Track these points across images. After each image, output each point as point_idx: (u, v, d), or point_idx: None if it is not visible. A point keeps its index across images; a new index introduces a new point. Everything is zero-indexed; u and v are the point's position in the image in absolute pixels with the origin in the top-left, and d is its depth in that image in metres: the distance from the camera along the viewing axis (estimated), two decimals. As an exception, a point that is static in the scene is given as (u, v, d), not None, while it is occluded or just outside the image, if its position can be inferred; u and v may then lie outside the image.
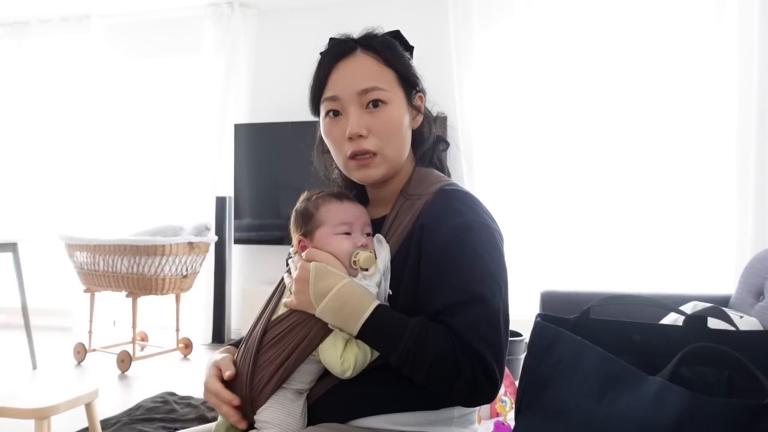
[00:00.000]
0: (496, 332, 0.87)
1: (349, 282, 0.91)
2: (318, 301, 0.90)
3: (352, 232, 0.98)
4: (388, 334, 0.88)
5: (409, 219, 0.97)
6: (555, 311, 1.27)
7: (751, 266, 1.99)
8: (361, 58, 0.98)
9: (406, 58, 1.03)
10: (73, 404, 1.75)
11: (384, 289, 0.94)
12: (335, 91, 0.98)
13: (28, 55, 4.59)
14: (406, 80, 1.01)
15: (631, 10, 3.44)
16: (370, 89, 0.96)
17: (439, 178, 1.03)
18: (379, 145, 0.97)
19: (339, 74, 0.99)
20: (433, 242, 0.92)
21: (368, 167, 0.98)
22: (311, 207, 1.00)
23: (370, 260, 0.93)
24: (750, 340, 0.81)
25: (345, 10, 4.03)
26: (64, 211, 4.42)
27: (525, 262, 3.50)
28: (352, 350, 0.91)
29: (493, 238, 0.93)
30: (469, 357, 0.85)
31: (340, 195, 1.02)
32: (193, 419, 2.49)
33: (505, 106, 3.64)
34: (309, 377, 0.96)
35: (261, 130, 4.08)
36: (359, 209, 1.01)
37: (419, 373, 0.87)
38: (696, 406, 0.59)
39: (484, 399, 0.89)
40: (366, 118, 0.96)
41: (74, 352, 3.52)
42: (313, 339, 0.93)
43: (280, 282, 1.05)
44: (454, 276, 0.89)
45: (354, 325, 0.88)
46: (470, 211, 0.94)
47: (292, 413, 0.94)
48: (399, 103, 0.99)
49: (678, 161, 3.40)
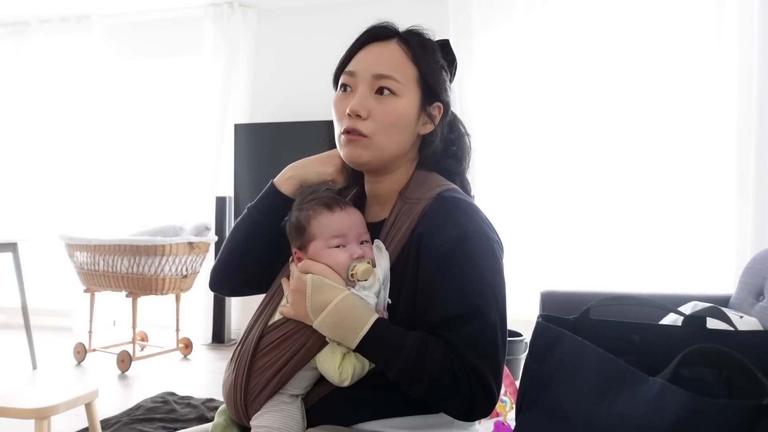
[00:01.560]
0: (494, 347, 0.87)
1: (347, 295, 0.89)
2: (315, 315, 0.89)
3: (347, 244, 0.95)
4: (387, 349, 0.87)
5: (407, 225, 0.95)
6: (555, 311, 1.27)
7: (751, 266, 1.99)
8: (392, 47, 0.98)
9: (438, 66, 1.01)
10: (73, 404, 1.75)
11: (383, 298, 0.93)
12: (354, 68, 0.98)
13: (28, 55, 4.59)
14: (426, 84, 0.99)
15: (632, 12, 3.43)
16: (385, 76, 0.95)
17: (438, 182, 1.01)
18: (374, 131, 0.95)
19: (365, 53, 0.99)
20: (432, 252, 0.90)
21: (355, 145, 0.96)
22: (303, 220, 0.98)
23: (368, 272, 0.92)
24: (750, 340, 0.81)
25: (345, 10, 4.03)
26: (64, 211, 4.41)
27: (525, 262, 3.50)
28: (351, 361, 0.90)
29: (492, 249, 0.92)
30: (467, 373, 0.85)
31: (332, 203, 0.98)
32: (193, 419, 2.49)
33: (505, 107, 3.64)
34: (305, 383, 0.95)
35: (261, 130, 4.09)
36: (353, 217, 0.98)
37: (417, 388, 0.87)
38: (696, 407, 0.59)
39: (480, 414, 0.89)
40: (370, 102, 0.95)
41: (74, 352, 3.52)
42: (311, 348, 0.92)
43: (278, 285, 1.03)
44: (453, 288, 0.88)
45: (352, 339, 0.87)
46: (469, 220, 0.92)
47: (291, 416, 0.93)
48: (409, 101, 0.97)
49: (678, 161, 3.40)
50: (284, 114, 4.05)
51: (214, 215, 4.04)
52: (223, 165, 4.15)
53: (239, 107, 4.17)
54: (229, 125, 4.13)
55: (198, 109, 4.22)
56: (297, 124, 3.92)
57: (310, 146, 4.04)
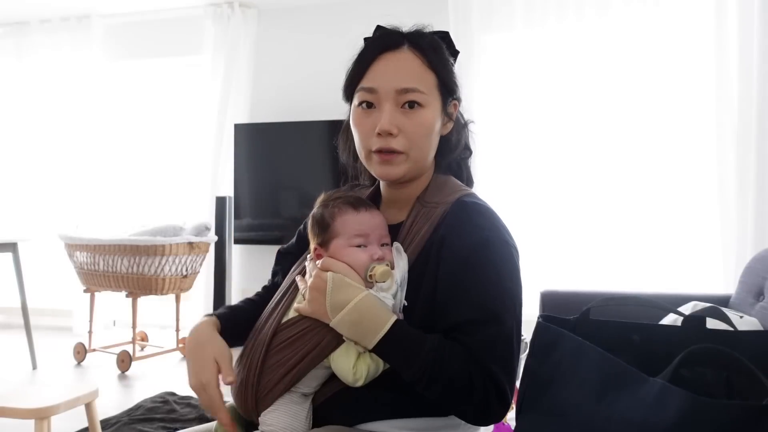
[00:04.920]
0: (510, 353, 0.88)
1: (367, 295, 0.89)
2: (334, 313, 0.89)
3: (368, 245, 0.95)
4: (405, 351, 0.87)
5: (426, 228, 0.96)
6: (555, 311, 1.27)
7: (751, 266, 1.99)
8: (407, 56, 0.96)
9: (450, 64, 1.01)
10: (73, 404, 1.75)
11: (400, 300, 0.93)
12: (374, 83, 0.95)
13: (28, 55, 4.59)
14: (445, 86, 0.99)
15: (633, 13, 3.43)
16: (410, 90, 0.94)
17: (457, 187, 1.02)
18: (407, 146, 0.95)
19: (381, 66, 0.96)
20: (453, 256, 0.91)
21: (391, 164, 0.96)
22: (327, 216, 0.98)
23: (387, 274, 0.92)
24: (750, 340, 0.81)
25: (345, 10, 4.03)
26: (64, 211, 4.41)
27: (525, 262, 3.47)
28: (365, 361, 0.90)
29: (511, 256, 0.93)
30: (484, 378, 0.85)
31: (357, 203, 0.99)
32: (193, 419, 2.49)
33: (505, 107, 3.64)
34: (316, 381, 0.95)
35: (261, 130, 4.08)
36: (376, 219, 0.99)
37: (433, 391, 0.87)
38: (697, 408, 0.59)
39: (494, 419, 0.89)
40: (399, 118, 0.94)
41: (74, 352, 3.52)
42: (325, 347, 0.92)
43: (291, 282, 1.03)
44: (472, 292, 0.88)
45: (371, 339, 0.87)
46: (491, 226, 0.94)
47: (297, 416, 0.93)
48: (434, 108, 0.97)
49: (677, 161, 3.40)
50: (284, 114, 4.05)
51: (214, 215, 4.04)
52: (222, 165, 4.15)
53: (239, 107, 4.17)
54: (229, 125, 4.13)
55: (198, 109, 4.22)
56: (297, 124, 3.92)
57: (310, 146, 4.05)
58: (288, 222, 4.00)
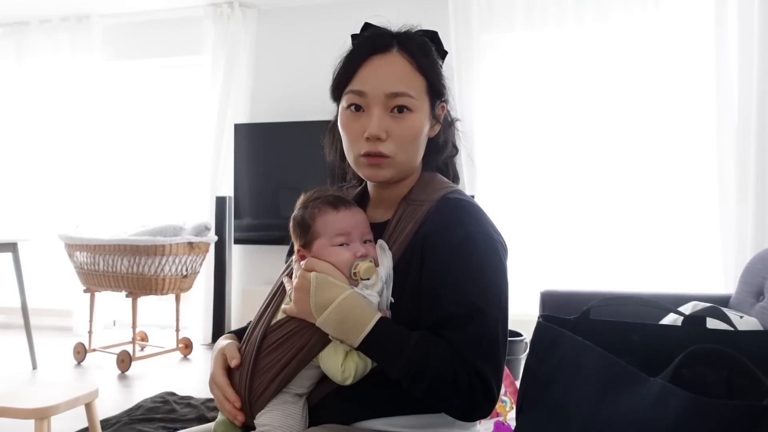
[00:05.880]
0: (496, 348, 0.88)
1: (351, 294, 0.90)
2: (319, 313, 0.89)
3: (351, 242, 0.96)
4: (390, 348, 0.88)
5: (411, 226, 0.96)
6: (555, 311, 1.27)
7: (751, 266, 2.00)
8: (396, 59, 0.96)
9: (439, 66, 1.01)
10: (73, 404, 1.75)
11: (386, 297, 0.93)
12: (363, 87, 0.95)
13: (28, 55, 4.59)
14: (434, 89, 0.99)
15: (634, 13, 3.43)
16: (400, 94, 0.94)
17: (442, 185, 1.02)
18: (395, 151, 0.95)
19: (371, 70, 0.95)
20: (437, 252, 0.92)
21: (379, 167, 0.96)
22: (308, 218, 0.98)
23: (371, 270, 0.92)
24: (750, 340, 0.81)
25: (345, 10, 4.03)
26: (64, 211, 4.41)
27: (525, 262, 3.50)
28: (353, 359, 0.91)
29: (496, 251, 0.93)
30: (468, 374, 0.85)
31: (337, 202, 0.99)
32: (193, 419, 2.49)
33: (505, 107, 3.64)
34: (308, 382, 0.96)
35: (261, 130, 4.09)
36: (357, 216, 0.99)
37: (418, 387, 0.87)
38: (697, 408, 0.59)
39: (480, 414, 0.89)
40: (388, 122, 0.94)
41: (74, 352, 3.52)
42: (313, 347, 0.92)
43: (279, 284, 1.04)
44: (456, 287, 0.89)
45: (355, 338, 0.88)
46: (474, 221, 0.94)
47: (292, 415, 0.94)
48: (423, 113, 0.97)
49: (677, 162, 3.40)
50: (284, 114, 4.05)
51: (214, 215, 4.04)
52: (223, 165, 4.15)
53: (239, 107, 4.17)
54: (229, 125, 4.13)
55: (198, 109, 4.22)
56: (297, 124, 3.92)
57: (310, 146, 4.05)
58: (288, 222, 3.99)
